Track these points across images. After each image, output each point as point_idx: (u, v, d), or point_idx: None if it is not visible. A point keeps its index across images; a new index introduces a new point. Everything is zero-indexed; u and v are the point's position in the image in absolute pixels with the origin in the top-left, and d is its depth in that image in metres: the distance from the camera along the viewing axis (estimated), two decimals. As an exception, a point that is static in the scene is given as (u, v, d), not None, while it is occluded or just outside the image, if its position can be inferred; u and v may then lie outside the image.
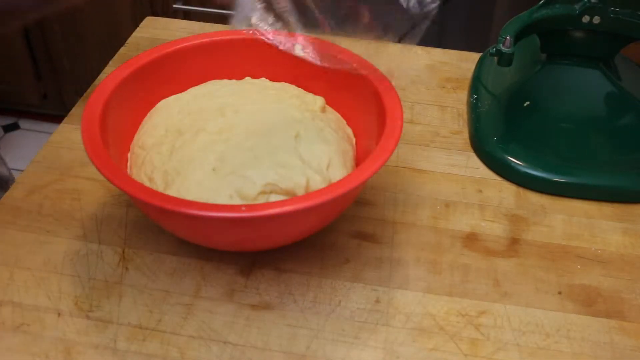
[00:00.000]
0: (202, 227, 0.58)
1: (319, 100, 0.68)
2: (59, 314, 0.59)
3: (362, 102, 0.67)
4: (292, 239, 0.62)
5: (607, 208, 0.72)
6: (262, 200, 0.59)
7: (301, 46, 0.63)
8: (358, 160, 0.67)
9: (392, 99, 0.63)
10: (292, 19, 0.58)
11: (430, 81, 0.88)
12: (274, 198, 0.59)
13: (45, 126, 2.27)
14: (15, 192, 0.70)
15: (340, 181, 0.55)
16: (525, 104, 0.81)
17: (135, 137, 0.67)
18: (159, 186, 0.61)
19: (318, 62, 0.62)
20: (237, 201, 0.58)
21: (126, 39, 0.94)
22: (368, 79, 0.66)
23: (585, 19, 0.76)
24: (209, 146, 0.62)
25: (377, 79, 0.65)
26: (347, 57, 0.67)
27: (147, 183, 0.62)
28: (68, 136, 0.77)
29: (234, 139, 0.62)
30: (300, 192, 0.58)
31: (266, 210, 0.53)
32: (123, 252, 0.65)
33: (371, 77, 0.65)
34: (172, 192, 0.60)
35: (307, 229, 0.61)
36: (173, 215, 0.56)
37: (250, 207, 0.54)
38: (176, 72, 0.71)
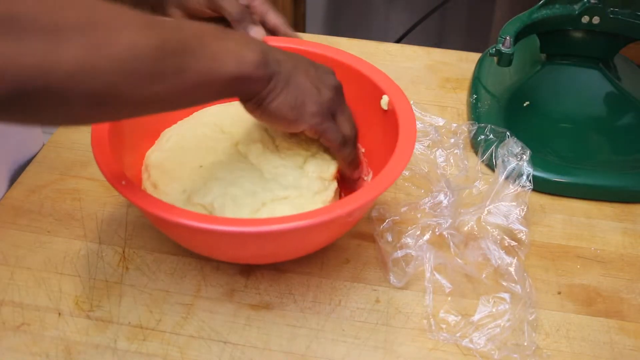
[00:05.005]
0: (221, 242, 0.58)
1: (331, 168, 0.66)
2: (60, 314, 0.59)
3: (375, 117, 0.67)
4: (298, 253, 0.62)
5: (607, 208, 0.72)
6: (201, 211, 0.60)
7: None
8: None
9: (407, 119, 0.62)
10: None
11: (430, 81, 0.88)
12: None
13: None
14: (15, 192, 0.70)
15: (350, 197, 0.56)
16: (525, 104, 0.81)
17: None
18: (153, 150, 0.65)
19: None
20: (182, 198, 0.60)
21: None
22: (382, 91, 0.66)
23: (585, 19, 0.76)
24: (220, 151, 0.65)
25: (394, 95, 0.65)
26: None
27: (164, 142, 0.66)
28: (68, 136, 0.77)
29: (242, 164, 0.64)
30: None
31: (267, 226, 0.53)
32: (123, 252, 0.65)
33: (390, 94, 0.66)
34: (156, 154, 0.64)
35: (318, 241, 0.61)
36: (177, 227, 0.56)
37: (253, 222, 0.54)
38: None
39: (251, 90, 0.54)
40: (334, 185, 0.65)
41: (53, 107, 0.42)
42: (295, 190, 0.62)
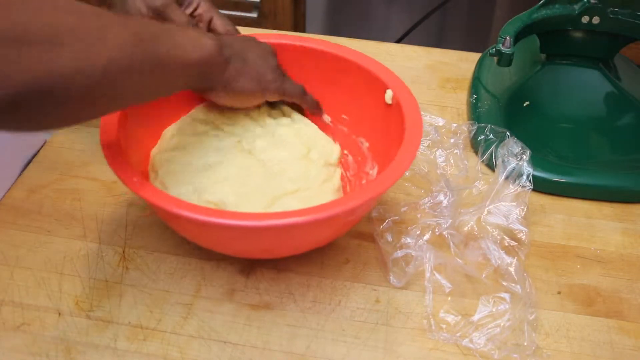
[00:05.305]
0: (231, 237, 0.58)
1: (335, 152, 0.68)
2: (60, 314, 0.59)
3: (379, 111, 0.67)
4: (304, 248, 0.62)
5: (606, 208, 0.72)
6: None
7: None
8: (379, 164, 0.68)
9: (413, 115, 0.62)
10: None
11: (430, 81, 0.88)
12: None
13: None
14: (15, 192, 0.70)
15: (350, 194, 0.56)
16: (525, 104, 0.81)
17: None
18: (158, 150, 0.66)
19: None
20: (194, 197, 0.60)
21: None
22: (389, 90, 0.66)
23: (585, 19, 0.76)
24: (225, 149, 0.65)
25: (403, 96, 0.65)
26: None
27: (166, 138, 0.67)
28: (69, 136, 0.77)
29: (247, 160, 0.64)
30: None
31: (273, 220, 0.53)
32: (123, 251, 0.65)
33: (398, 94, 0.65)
34: (161, 154, 0.64)
35: (320, 237, 0.61)
36: (188, 221, 0.56)
37: (263, 216, 0.54)
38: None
39: (213, 76, 0.59)
40: (339, 171, 0.66)
41: (54, 108, 0.45)
42: (304, 182, 0.62)
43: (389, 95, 0.65)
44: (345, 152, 0.71)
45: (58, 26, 0.43)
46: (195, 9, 0.72)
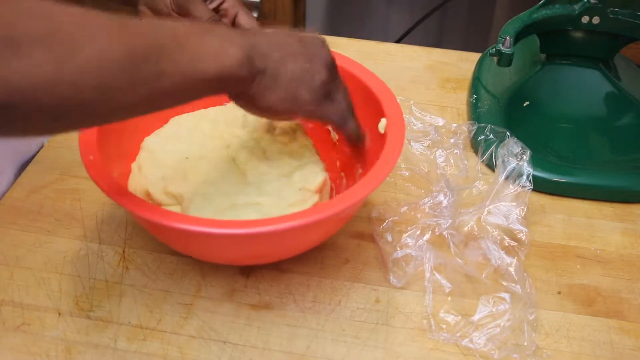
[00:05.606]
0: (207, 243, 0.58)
1: (318, 179, 0.65)
2: (60, 314, 0.59)
3: (365, 110, 0.66)
4: (295, 251, 0.62)
5: (606, 208, 0.72)
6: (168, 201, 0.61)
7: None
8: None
9: (395, 115, 0.61)
10: None
11: (430, 81, 0.88)
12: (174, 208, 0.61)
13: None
14: (15, 192, 0.70)
15: (336, 199, 0.56)
16: (525, 104, 0.81)
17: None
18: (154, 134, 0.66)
19: None
20: (159, 185, 0.61)
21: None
22: (377, 99, 0.64)
23: (585, 19, 0.77)
24: (210, 148, 0.65)
25: (385, 100, 0.63)
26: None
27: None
28: (68, 136, 0.77)
29: (227, 164, 0.64)
30: None
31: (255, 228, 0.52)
32: (123, 252, 0.65)
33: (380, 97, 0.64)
34: (151, 138, 0.65)
35: (312, 239, 0.61)
36: (169, 231, 0.56)
37: (249, 223, 0.54)
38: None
39: (237, 88, 0.52)
40: (315, 198, 0.64)
41: (11, 122, 0.39)
42: (271, 198, 0.61)
43: (382, 124, 0.62)
44: (342, 174, 0.69)
45: (23, 32, 0.37)
46: (221, 4, 0.69)
